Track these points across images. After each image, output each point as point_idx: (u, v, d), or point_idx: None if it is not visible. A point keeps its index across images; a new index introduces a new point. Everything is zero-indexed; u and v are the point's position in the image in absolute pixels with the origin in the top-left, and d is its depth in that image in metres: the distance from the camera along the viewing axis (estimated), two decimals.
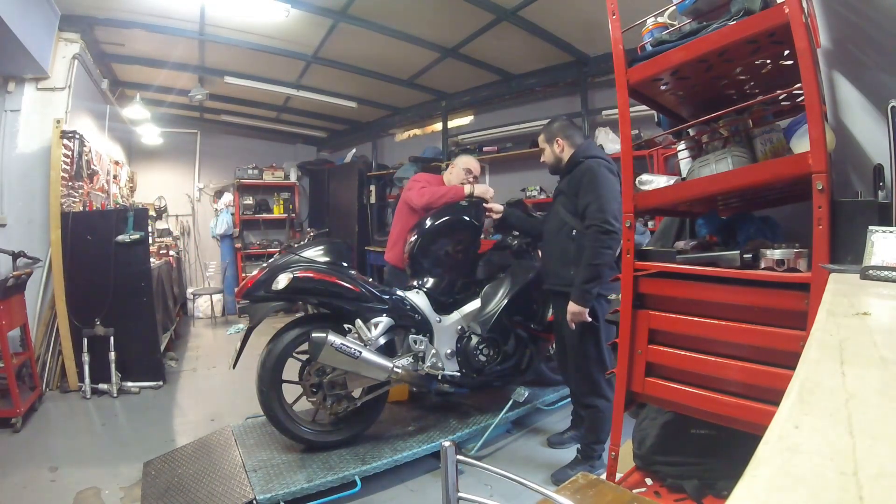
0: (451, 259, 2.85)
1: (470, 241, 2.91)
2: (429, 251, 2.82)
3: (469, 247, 2.91)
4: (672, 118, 2.02)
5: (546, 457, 2.65)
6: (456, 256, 2.86)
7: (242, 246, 7.17)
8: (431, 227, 2.82)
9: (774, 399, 0.50)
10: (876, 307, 0.85)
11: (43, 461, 2.57)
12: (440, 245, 2.84)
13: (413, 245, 2.83)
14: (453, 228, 2.86)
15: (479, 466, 1.10)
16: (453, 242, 2.86)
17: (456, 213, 2.88)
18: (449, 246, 2.85)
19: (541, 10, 3.69)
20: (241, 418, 2.93)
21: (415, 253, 2.83)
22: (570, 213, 2.37)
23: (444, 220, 2.85)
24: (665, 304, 1.62)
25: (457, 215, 2.87)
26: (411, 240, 2.86)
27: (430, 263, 2.83)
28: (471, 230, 2.88)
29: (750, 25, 1.34)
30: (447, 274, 2.84)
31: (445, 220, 2.85)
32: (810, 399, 0.46)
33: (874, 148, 1.52)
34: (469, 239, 2.90)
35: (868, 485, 0.31)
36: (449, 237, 2.86)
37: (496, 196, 3.08)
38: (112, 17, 3.88)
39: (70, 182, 3.87)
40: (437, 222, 2.84)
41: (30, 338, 3.35)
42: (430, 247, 2.83)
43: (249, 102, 6.26)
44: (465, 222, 2.86)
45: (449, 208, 2.90)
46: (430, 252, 2.83)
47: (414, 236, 2.85)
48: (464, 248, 2.89)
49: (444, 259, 2.84)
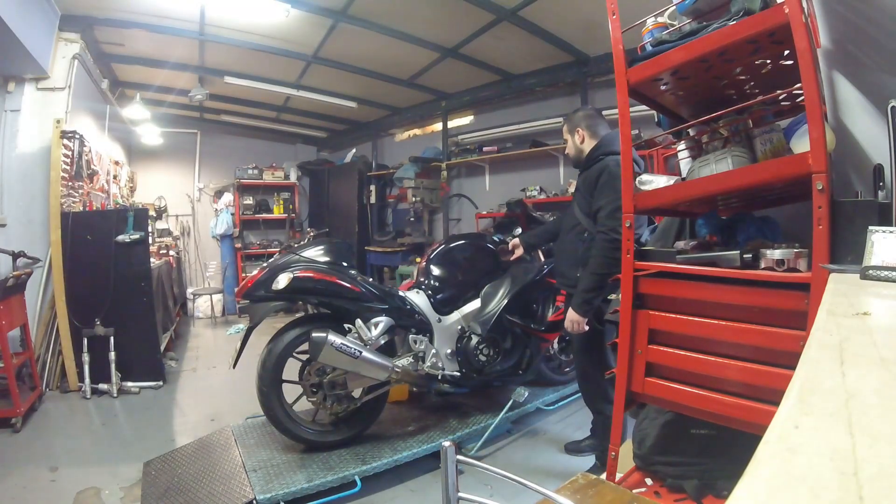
0: (465, 279, 2.91)
1: (487, 270, 2.97)
2: (446, 270, 2.91)
3: (483, 274, 2.97)
4: (672, 118, 2.02)
5: (546, 457, 2.65)
6: (468, 277, 2.92)
7: (242, 246, 7.18)
8: (453, 249, 2.97)
9: (774, 399, 0.50)
10: (876, 307, 0.85)
11: (43, 461, 2.57)
12: (458, 266, 2.93)
13: (432, 258, 2.93)
14: (476, 255, 2.98)
15: (479, 466, 1.09)
16: (472, 267, 2.95)
17: (482, 240, 3.04)
18: (467, 268, 2.94)
19: (541, 10, 3.69)
20: (241, 418, 2.93)
21: (430, 265, 2.90)
22: (584, 213, 2.27)
23: (470, 245, 3.02)
24: (665, 304, 1.62)
25: (482, 242, 3.03)
26: (432, 254, 2.95)
27: (441, 275, 2.89)
28: (492, 260, 2.97)
29: (750, 25, 1.34)
30: (454, 288, 2.88)
31: (471, 245, 3.02)
32: (810, 399, 0.46)
33: (874, 148, 1.52)
34: (487, 268, 2.97)
35: (868, 485, 0.31)
36: (470, 262, 2.96)
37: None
38: (112, 17, 3.88)
39: (70, 182, 3.88)
40: (462, 245, 3.02)
41: (30, 338, 3.36)
42: (448, 265, 2.92)
43: (249, 102, 6.26)
44: (488, 251, 2.98)
45: (477, 237, 3.10)
46: (446, 269, 2.91)
47: (435, 252, 2.95)
48: (476, 272, 2.96)
49: (458, 279, 2.91)
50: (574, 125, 2.38)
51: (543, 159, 5.14)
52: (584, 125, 2.36)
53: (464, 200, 5.94)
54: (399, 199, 6.81)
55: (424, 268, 2.90)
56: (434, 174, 6.15)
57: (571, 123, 2.40)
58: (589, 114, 2.42)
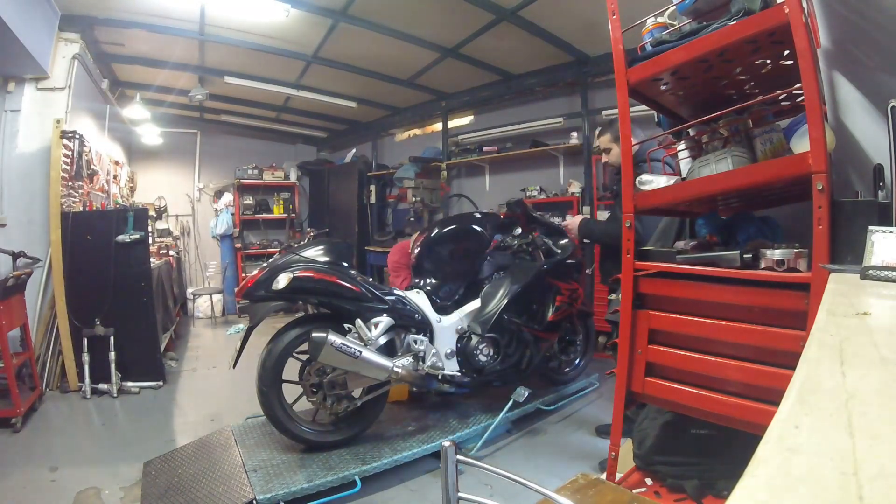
0: (456, 265, 2.88)
1: (477, 250, 2.95)
2: (434, 256, 2.88)
3: (476, 255, 2.95)
4: (672, 118, 2.02)
5: (546, 457, 2.65)
6: (461, 263, 2.89)
7: (242, 246, 7.17)
8: (440, 233, 2.90)
9: (774, 399, 0.50)
10: (876, 307, 0.85)
11: (43, 461, 2.57)
12: (446, 251, 2.90)
13: (420, 247, 2.88)
14: (462, 237, 2.92)
15: (479, 466, 1.09)
16: (460, 250, 2.91)
17: (467, 221, 2.96)
18: (456, 253, 2.91)
19: (541, 10, 3.69)
20: (241, 418, 2.93)
21: (420, 255, 2.87)
22: None
23: (454, 227, 2.94)
24: (665, 304, 1.62)
25: (467, 224, 2.95)
26: (418, 242, 2.89)
27: (434, 267, 2.87)
28: (480, 240, 2.93)
29: (750, 25, 1.34)
30: (450, 278, 2.87)
31: (455, 228, 2.94)
32: (810, 399, 0.46)
33: (874, 148, 1.52)
34: (476, 248, 2.94)
35: (868, 485, 0.31)
36: (456, 244, 2.92)
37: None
38: (112, 17, 3.88)
39: (70, 182, 3.87)
40: (447, 229, 2.93)
41: (30, 338, 3.35)
42: (436, 251, 2.89)
43: (249, 102, 6.26)
44: (475, 232, 2.92)
45: (462, 217, 3.00)
46: (435, 256, 2.88)
47: (422, 239, 2.90)
48: (470, 257, 2.93)
49: (448, 265, 2.88)
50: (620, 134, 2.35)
51: (543, 159, 5.14)
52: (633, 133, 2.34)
53: (464, 200, 5.91)
54: (399, 199, 6.81)
55: (416, 264, 2.92)
56: (434, 174, 6.15)
57: (616, 133, 2.29)
58: None
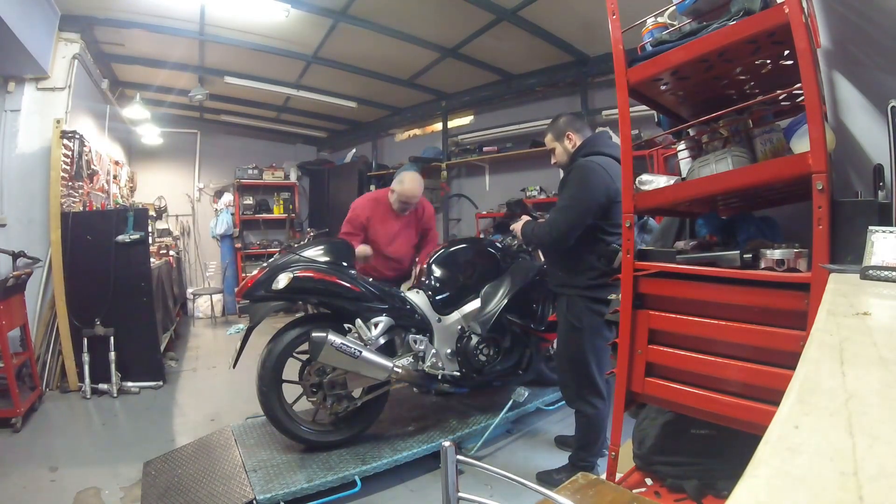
0: (466, 282, 2.90)
1: (489, 273, 2.95)
2: (448, 271, 2.89)
3: (486, 277, 2.95)
4: (672, 118, 2.02)
5: (546, 457, 2.65)
6: (470, 281, 2.91)
7: (242, 246, 7.17)
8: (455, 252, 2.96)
9: (774, 399, 0.50)
10: (876, 307, 0.85)
11: (43, 461, 2.57)
12: (459, 269, 2.91)
13: (434, 260, 2.91)
14: (478, 259, 2.97)
15: (479, 466, 1.09)
16: (474, 270, 2.93)
17: (486, 245, 3.04)
18: (469, 271, 2.92)
19: (541, 10, 3.69)
20: (241, 418, 2.93)
21: (431, 267, 2.88)
22: None
23: (472, 248, 3.03)
24: (665, 304, 1.62)
25: (483, 246, 3.03)
26: (433, 256, 2.93)
27: (444, 279, 2.87)
28: (493, 263, 2.96)
29: (750, 25, 1.34)
30: (456, 289, 2.87)
31: (472, 248, 3.03)
32: (810, 399, 0.46)
33: (874, 148, 1.52)
34: (489, 271, 2.95)
35: (868, 485, 0.31)
36: (472, 265, 2.94)
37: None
38: (112, 17, 3.88)
39: (70, 182, 3.87)
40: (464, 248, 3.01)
41: (30, 338, 3.36)
42: (449, 267, 2.90)
43: (249, 102, 6.26)
44: (490, 254, 2.98)
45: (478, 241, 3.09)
46: (448, 270, 2.89)
47: (437, 254, 2.94)
48: (480, 276, 2.93)
49: (459, 281, 2.89)
50: (561, 132, 2.32)
51: (543, 159, 5.11)
52: (573, 129, 2.30)
53: (464, 200, 5.94)
54: None
55: (426, 269, 2.90)
56: (434, 174, 6.14)
57: (557, 131, 2.33)
58: (572, 118, 2.36)
